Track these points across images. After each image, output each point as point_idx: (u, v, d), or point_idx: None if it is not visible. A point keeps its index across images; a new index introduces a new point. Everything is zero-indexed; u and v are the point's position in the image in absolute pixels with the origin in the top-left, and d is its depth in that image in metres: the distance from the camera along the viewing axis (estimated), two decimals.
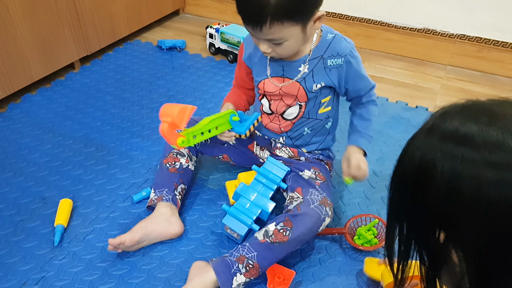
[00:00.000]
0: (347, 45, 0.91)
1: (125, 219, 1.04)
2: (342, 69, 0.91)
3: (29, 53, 1.46)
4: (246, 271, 0.85)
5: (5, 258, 0.94)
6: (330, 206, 0.92)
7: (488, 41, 1.66)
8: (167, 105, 0.86)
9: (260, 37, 0.82)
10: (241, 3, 0.80)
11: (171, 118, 0.84)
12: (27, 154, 1.24)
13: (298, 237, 0.87)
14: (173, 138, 0.86)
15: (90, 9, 1.65)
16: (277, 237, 0.86)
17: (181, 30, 2.06)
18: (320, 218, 0.89)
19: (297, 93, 0.94)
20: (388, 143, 1.30)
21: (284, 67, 0.93)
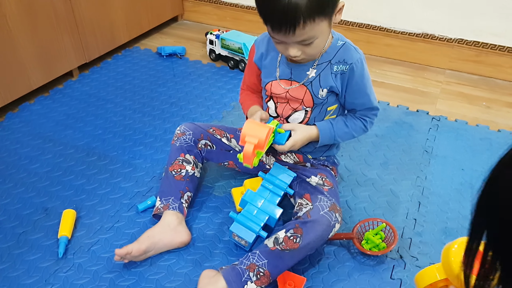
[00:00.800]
0: (355, 54, 0.90)
1: (130, 229, 1.02)
2: (345, 76, 0.91)
3: (27, 61, 1.45)
4: (257, 279, 0.84)
5: (8, 272, 0.92)
6: (339, 212, 0.91)
7: (486, 45, 1.67)
8: (250, 122, 0.86)
9: (291, 40, 0.81)
10: (269, 11, 0.77)
11: (258, 141, 0.84)
12: (28, 164, 1.22)
13: (308, 244, 0.86)
14: (251, 159, 0.85)
15: (90, 16, 1.64)
16: (287, 244, 0.85)
17: (180, 36, 2.06)
18: (330, 224, 0.88)
19: (303, 97, 0.94)
20: (391, 148, 1.30)
21: (293, 70, 0.93)
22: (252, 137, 0.84)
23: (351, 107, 0.97)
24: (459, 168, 1.21)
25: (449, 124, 1.41)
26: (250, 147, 0.83)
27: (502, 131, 1.38)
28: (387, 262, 0.94)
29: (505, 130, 1.39)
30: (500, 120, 1.45)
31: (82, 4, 1.59)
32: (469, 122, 1.43)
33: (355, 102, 0.95)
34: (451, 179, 1.17)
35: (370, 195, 1.12)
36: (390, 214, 1.06)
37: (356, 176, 1.18)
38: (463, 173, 1.20)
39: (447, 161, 1.24)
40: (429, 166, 1.22)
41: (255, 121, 0.90)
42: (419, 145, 1.30)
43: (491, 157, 1.26)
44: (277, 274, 0.86)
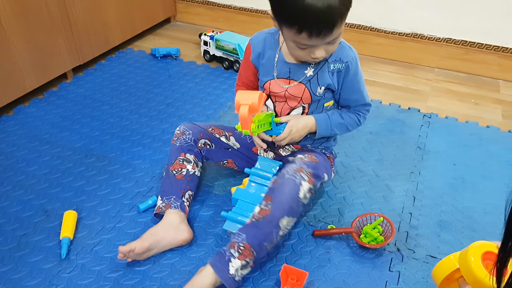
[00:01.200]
0: (350, 53, 0.94)
1: (132, 229, 1.03)
2: (341, 74, 0.94)
3: (22, 63, 1.44)
4: (239, 254, 0.86)
5: (11, 274, 0.93)
6: (306, 172, 0.92)
7: (473, 44, 1.72)
8: (241, 92, 0.89)
9: (324, 42, 0.82)
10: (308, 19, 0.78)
11: (252, 102, 0.85)
12: (25, 167, 1.22)
13: (279, 207, 0.88)
14: (248, 123, 0.87)
15: (83, 18, 1.64)
16: (260, 213, 0.88)
17: (174, 37, 2.07)
18: (295, 183, 0.90)
19: (302, 95, 0.96)
20: (385, 144, 1.33)
21: (291, 69, 0.95)
22: (246, 100, 0.87)
23: (346, 104, 1.00)
24: (451, 163, 1.25)
25: (440, 120, 1.45)
26: (245, 108, 0.85)
27: (490, 127, 1.42)
28: (385, 255, 0.97)
29: (493, 126, 1.43)
30: (488, 115, 1.50)
31: (76, 6, 1.59)
32: (459, 118, 1.47)
33: (349, 99, 0.98)
34: (443, 173, 1.21)
35: (366, 191, 1.15)
36: (387, 208, 1.09)
37: (353, 172, 1.21)
38: (455, 168, 1.23)
39: (440, 157, 1.27)
40: (422, 162, 1.25)
41: (245, 91, 0.92)
42: (412, 142, 1.34)
43: (482, 152, 1.30)
44: (258, 244, 0.87)
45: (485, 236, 1.01)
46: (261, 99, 0.89)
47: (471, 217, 1.07)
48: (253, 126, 0.88)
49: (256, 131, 0.91)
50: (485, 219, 1.06)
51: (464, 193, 1.14)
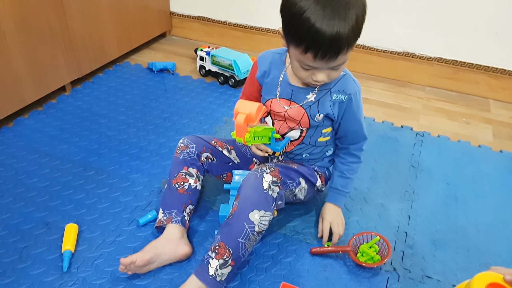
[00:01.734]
0: (354, 85, 0.97)
1: (132, 243, 1.04)
2: (343, 105, 0.97)
3: (22, 76, 1.45)
4: (216, 254, 0.89)
5: (13, 286, 0.93)
6: (270, 167, 0.96)
7: (463, 63, 1.78)
8: (242, 101, 0.91)
9: (327, 66, 0.85)
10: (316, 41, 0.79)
11: (250, 112, 0.87)
12: (25, 179, 1.23)
13: (245, 201, 0.91)
14: (243, 132, 0.89)
15: (82, 33, 1.66)
16: (231, 212, 0.92)
17: (169, 52, 2.10)
18: (257, 176, 0.93)
19: (300, 119, 0.99)
20: (379, 162, 1.36)
21: (293, 92, 0.98)
22: (244, 109, 0.89)
23: (344, 134, 1.03)
24: (444, 182, 1.29)
25: (432, 139, 1.49)
26: (242, 117, 0.87)
27: (482, 146, 1.47)
28: (382, 274, 1.00)
29: (484, 145, 1.48)
30: (479, 135, 1.55)
31: (76, 21, 1.61)
32: (450, 137, 1.51)
33: (348, 129, 1.01)
34: (437, 192, 1.25)
35: (362, 209, 1.17)
36: (382, 227, 1.12)
37: None
38: (448, 187, 1.27)
39: (433, 175, 1.31)
40: (416, 180, 1.29)
41: (246, 100, 0.94)
42: (406, 160, 1.38)
43: (474, 171, 1.34)
44: (232, 241, 0.89)
45: (479, 256, 1.05)
46: (260, 110, 0.91)
47: (464, 236, 1.10)
48: (247, 136, 0.90)
49: (250, 142, 0.92)
50: (479, 238, 1.10)
51: (457, 211, 1.18)
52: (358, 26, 0.81)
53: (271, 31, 2.05)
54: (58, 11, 1.52)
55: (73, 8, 1.58)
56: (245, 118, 0.88)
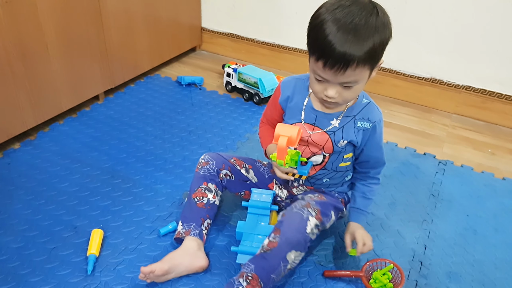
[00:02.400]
0: (378, 114, 0.99)
1: (152, 252, 1.09)
2: (367, 133, 1.00)
3: (61, 85, 1.54)
4: (247, 284, 0.90)
5: (41, 285, 0.99)
6: (315, 209, 0.97)
7: (492, 93, 1.76)
8: (281, 125, 0.94)
9: (337, 80, 0.86)
10: (330, 51, 0.81)
11: (291, 135, 0.91)
12: (57, 183, 1.30)
13: (286, 240, 0.92)
14: (283, 154, 0.92)
15: (118, 46, 1.75)
16: (268, 245, 0.93)
17: (198, 66, 2.17)
18: (303, 217, 0.95)
19: (324, 144, 1.01)
20: (398, 189, 1.37)
21: (318, 117, 1.01)
22: (285, 133, 0.91)
23: (365, 159, 1.05)
24: (464, 214, 1.28)
25: (455, 169, 1.49)
26: (284, 139, 0.90)
27: (506, 179, 1.45)
28: None
29: (509, 178, 1.46)
30: (504, 167, 1.53)
31: (112, 35, 1.70)
32: (474, 168, 1.50)
33: (370, 155, 1.04)
34: (456, 224, 1.24)
35: (378, 235, 1.18)
36: (397, 254, 1.12)
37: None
38: (468, 219, 1.26)
39: (453, 206, 1.31)
40: (435, 210, 1.29)
41: (285, 124, 0.97)
42: (426, 188, 1.38)
43: (495, 205, 1.33)
44: (265, 275, 0.91)
45: None
46: (299, 134, 0.93)
47: (481, 271, 1.09)
48: (287, 158, 0.93)
49: (289, 164, 0.95)
50: (496, 274, 1.09)
51: (475, 245, 1.17)
52: (375, 52, 0.83)
53: (297, 50, 2.09)
54: (96, 25, 1.61)
55: (111, 22, 1.67)
56: (287, 140, 0.91)
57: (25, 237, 1.11)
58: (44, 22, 1.41)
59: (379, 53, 0.85)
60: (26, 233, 1.13)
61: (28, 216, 1.18)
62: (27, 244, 1.09)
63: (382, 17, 0.84)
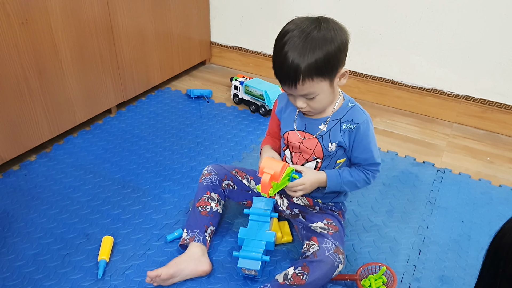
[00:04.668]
0: (362, 115, 1.05)
1: (159, 257, 1.16)
2: (352, 134, 1.05)
3: (74, 99, 1.64)
4: None
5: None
6: (342, 254, 1.03)
7: (491, 103, 1.80)
8: (268, 159, 1.01)
9: (295, 93, 0.97)
10: (277, 70, 0.95)
11: (274, 172, 0.98)
12: (71, 193, 1.38)
13: (314, 282, 0.98)
14: (267, 189, 0.99)
15: (130, 61, 1.84)
16: (295, 280, 0.97)
17: (207, 79, 2.25)
18: (334, 265, 1.00)
19: (314, 148, 1.08)
20: (397, 197, 1.41)
21: (307, 124, 1.08)
22: (269, 169, 0.98)
23: (356, 161, 1.10)
24: (459, 220, 1.32)
25: (453, 177, 1.53)
26: (267, 177, 0.97)
27: (503, 186, 1.49)
28: None
29: (506, 185, 1.49)
30: (502, 175, 1.56)
31: (124, 50, 1.80)
32: (472, 176, 1.54)
33: (359, 157, 1.08)
34: (451, 230, 1.28)
35: (374, 240, 1.23)
36: (392, 259, 1.17)
37: (363, 222, 1.30)
38: (463, 225, 1.30)
39: (449, 213, 1.35)
40: (431, 216, 1.33)
41: (272, 158, 1.05)
42: (423, 196, 1.42)
43: (490, 211, 1.36)
44: None
45: None
46: (284, 170, 1.00)
47: (473, 275, 1.13)
48: (270, 191, 1.00)
49: (273, 194, 1.01)
50: None
51: (469, 250, 1.21)
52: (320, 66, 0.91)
53: None
54: (108, 41, 1.71)
55: (122, 38, 1.77)
56: (270, 177, 0.97)
57: (40, 244, 1.19)
58: (58, 41, 1.51)
59: (327, 66, 0.93)
60: (41, 240, 1.21)
61: (44, 224, 1.26)
62: (42, 250, 1.17)
63: (324, 32, 0.92)
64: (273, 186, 1.00)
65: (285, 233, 1.22)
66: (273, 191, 1.00)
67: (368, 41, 1.93)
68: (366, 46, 1.94)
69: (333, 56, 0.93)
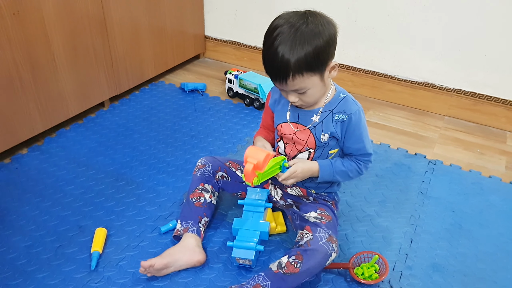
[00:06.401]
0: (354, 106, 1.05)
1: (153, 248, 1.16)
2: (344, 124, 1.06)
3: (67, 93, 1.63)
4: None
5: (48, 280, 1.06)
6: (335, 243, 1.04)
7: (482, 96, 1.82)
8: (252, 148, 1.01)
9: (286, 89, 0.98)
10: (268, 67, 0.97)
11: (257, 162, 0.98)
12: (64, 186, 1.38)
13: (307, 270, 0.99)
14: (251, 178, 0.99)
15: (123, 55, 1.84)
16: (289, 268, 0.98)
17: (201, 73, 2.25)
18: (327, 253, 1.01)
19: (307, 139, 1.08)
20: (389, 187, 1.43)
21: (300, 115, 1.08)
22: (252, 159, 0.99)
23: (348, 152, 1.11)
24: (450, 210, 1.34)
25: (444, 168, 1.54)
26: (250, 166, 0.98)
27: (492, 177, 1.51)
28: None
29: (495, 176, 1.51)
30: (492, 166, 1.58)
31: (118, 44, 1.79)
32: (463, 167, 1.56)
33: (351, 147, 1.09)
34: (442, 219, 1.30)
35: (367, 230, 1.24)
36: (385, 248, 1.18)
37: (356, 212, 1.31)
38: (454, 215, 1.32)
39: (440, 203, 1.36)
40: (423, 206, 1.34)
41: (257, 147, 1.05)
42: (415, 186, 1.43)
43: (481, 201, 1.38)
44: None
45: (475, 281, 1.10)
46: (267, 159, 1.00)
47: (463, 263, 1.15)
48: (255, 180, 1.00)
49: (258, 183, 1.02)
50: (477, 266, 1.14)
51: (460, 239, 1.23)
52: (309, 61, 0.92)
53: None
54: (102, 34, 1.70)
55: (116, 31, 1.76)
56: (253, 167, 0.98)
57: (32, 236, 1.19)
58: (51, 33, 1.50)
59: (317, 60, 0.93)
60: (33, 233, 1.20)
61: (36, 217, 1.25)
62: (34, 243, 1.17)
63: (312, 27, 0.92)
64: (258, 175, 1.00)
65: (279, 223, 1.22)
66: (259, 180, 1.01)
67: (361, 35, 1.94)
68: (359, 39, 1.95)
69: (322, 50, 0.93)
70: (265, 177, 1.03)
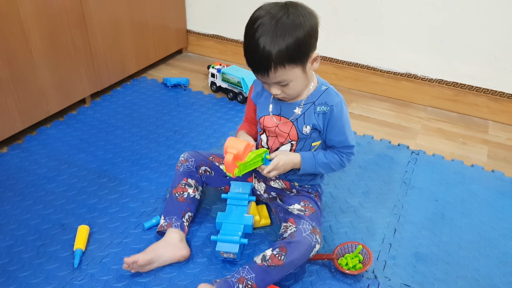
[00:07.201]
0: (336, 98, 1.05)
1: (137, 244, 1.15)
2: (326, 116, 1.06)
3: (47, 89, 1.60)
4: None
5: (30, 279, 1.05)
6: (319, 234, 1.04)
7: (463, 86, 1.84)
8: (232, 138, 1.00)
9: (269, 81, 0.98)
10: (249, 59, 0.96)
11: (237, 152, 0.97)
12: (45, 184, 1.36)
13: (291, 262, 0.99)
14: (232, 169, 0.98)
15: (104, 50, 1.81)
16: (273, 261, 0.98)
17: (184, 68, 2.23)
18: (311, 245, 1.01)
19: (289, 131, 1.08)
20: (373, 178, 1.44)
21: (282, 108, 1.08)
22: (232, 149, 0.98)
23: (330, 144, 1.11)
24: (433, 199, 1.35)
25: (427, 158, 1.56)
26: (230, 156, 0.97)
27: (475, 166, 1.53)
28: (363, 281, 1.07)
29: (477, 165, 1.53)
30: (474, 155, 1.60)
31: (98, 39, 1.76)
32: (445, 156, 1.58)
33: (333, 139, 1.09)
34: (425, 209, 1.31)
35: (351, 221, 1.25)
36: (368, 238, 1.19)
37: (340, 203, 1.32)
38: (436, 204, 1.33)
39: (423, 192, 1.38)
40: (406, 196, 1.36)
41: (236, 137, 1.04)
42: (398, 177, 1.45)
43: (463, 190, 1.40)
44: (264, 287, 0.98)
45: (458, 269, 1.11)
46: (247, 149, 1.00)
47: (446, 251, 1.17)
48: (236, 171, 0.99)
49: (239, 174, 1.01)
50: (460, 254, 1.16)
51: (442, 228, 1.24)
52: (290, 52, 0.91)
53: None
54: (81, 29, 1.67)
55: (95, 26, 1.73)
56: (233, 157, 0.97)
57: (14, 235, 1.17)
58: (28, 28, 1.46)
59: (298, 52, 0.93)
60: (15, 232, 1.18)
61: (17, 216, 1.23)
62: (16, 242, 1.15)
63: (293, 18, 0.92)
64: (239, 166, 0.99)
65: (263, 216, 1.22)
66: (240, 171, 1.00)
67: (343, 27, 1.94)
68: (342, 32, 1.96)
69: (304, 42, 0.93)
70: (246, 169, 1.02)
